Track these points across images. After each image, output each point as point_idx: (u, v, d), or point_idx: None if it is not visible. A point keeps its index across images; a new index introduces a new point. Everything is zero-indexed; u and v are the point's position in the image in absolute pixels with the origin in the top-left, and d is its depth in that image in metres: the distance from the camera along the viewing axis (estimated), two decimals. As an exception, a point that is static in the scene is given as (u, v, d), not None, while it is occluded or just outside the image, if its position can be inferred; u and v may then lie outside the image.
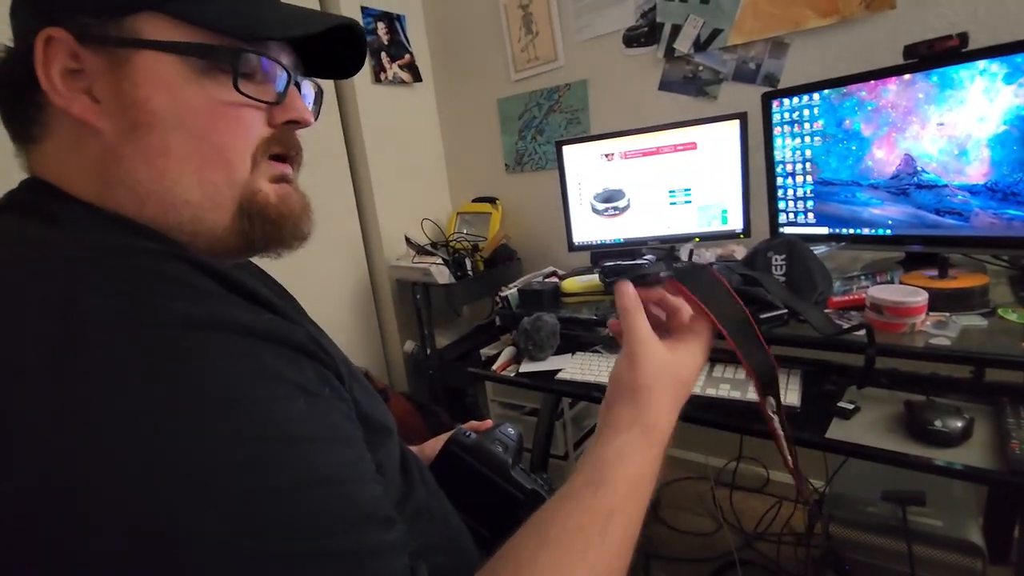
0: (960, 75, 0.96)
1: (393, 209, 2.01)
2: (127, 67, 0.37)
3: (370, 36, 1.89)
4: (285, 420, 0.31)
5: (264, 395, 0.31)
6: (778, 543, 1.44)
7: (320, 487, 0.31)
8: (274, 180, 0.43)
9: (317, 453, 0.32)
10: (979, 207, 0.98)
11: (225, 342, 0.31)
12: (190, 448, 0.28)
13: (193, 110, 0.39)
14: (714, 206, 1.41)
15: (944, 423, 0.79)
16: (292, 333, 0.35)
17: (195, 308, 0.31)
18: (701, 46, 1.53)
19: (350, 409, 0.38)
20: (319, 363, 0.36)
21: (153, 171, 0.38)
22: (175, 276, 0.33)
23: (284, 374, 0.33)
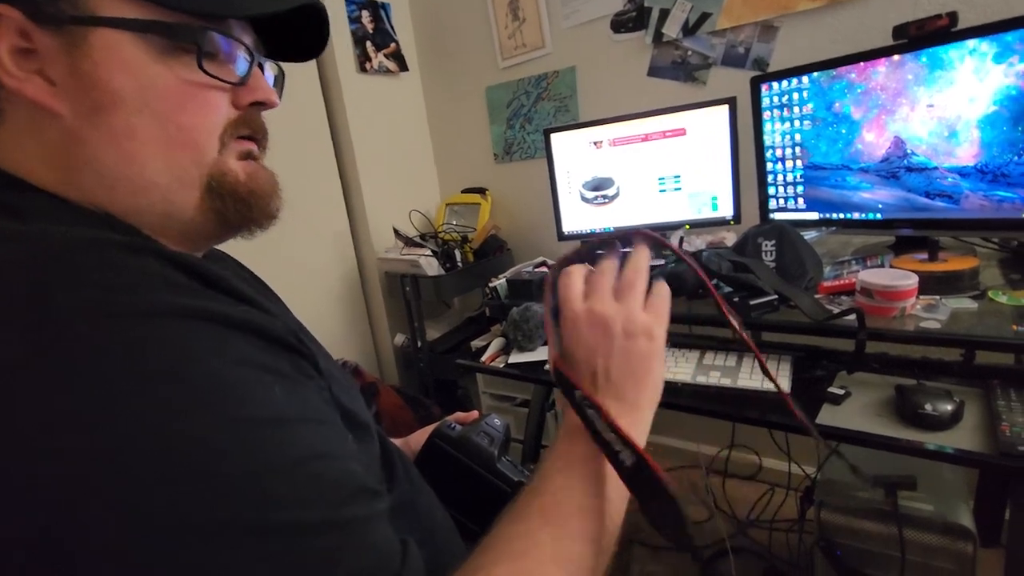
0: (949, 55, 0.95)
1: (381, 201, 1.99)
2: (84, 46, 0.36)
3: (354, 25, 1.85)
4: (268, 403, 0.31)
5: (245, 380, 0.31)
6: (770, 529, 1.45)
7: (312, 462, 0.31)
8: (241, 158, 0.43)
9: (304, 432, 0.32)
10: (969, 189, 0.97)
11: (201, 330, 0.31)
12: (176, 434, 0.28)
13: (158, 90, 0.37)
14: (704, 193, 1.39)
15: (934, 407, 0.79)
16: (268, 323, 0.35)
17: (169, 299, 0.31)
18: (690, 30, 1.51)
19: (329, 398, 0.39)
20: (296, 354, 0.36)
21: (120, 154, 0.37)
22: (147, 269, 0.32)
23: (261, 362, 0.33)
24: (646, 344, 0.44)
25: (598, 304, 0.45)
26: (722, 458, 1.67)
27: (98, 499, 0.26)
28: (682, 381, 0.99)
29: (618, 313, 0.44)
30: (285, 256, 1.73)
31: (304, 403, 0.34)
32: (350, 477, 0.33)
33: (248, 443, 0.29)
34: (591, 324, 0.44)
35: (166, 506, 0.27)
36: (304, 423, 0.33)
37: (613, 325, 0.44)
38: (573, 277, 0.47)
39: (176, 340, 0.30)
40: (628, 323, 0.44)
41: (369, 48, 1.91)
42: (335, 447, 0.34)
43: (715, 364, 1.02)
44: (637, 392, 0.44)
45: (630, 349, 0.44)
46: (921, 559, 0.92)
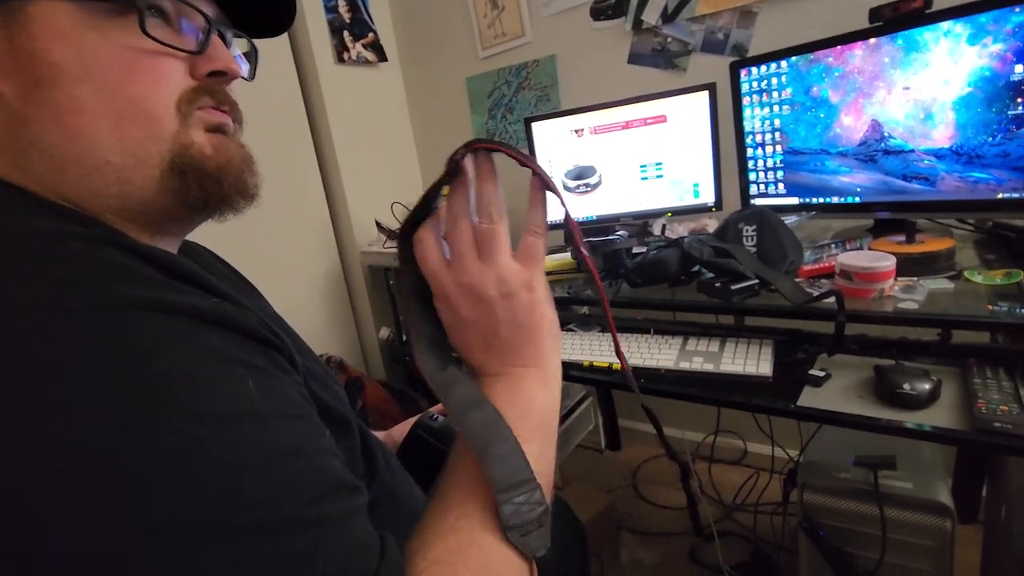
0: (924, 37, 0.95)
1: (362, 194, 1.96)
2: (20, 19, 0.34)
3: (331, 15, 1.82)
4: (240, 397, 0.30)
5: (215, 374, 0.30)
6: (755, 513, 1.46)
7: (286, 459, 0.31)
8: (210, 130, 0.40)
9: (277, 427, 0.31)
10: (945, 171, 0.98)
11: (170, 323, 0.30)
12: (141, 433, 0.27)
13: (100, 59, 0.35)
14: (686, 180, 1.39)
15: (912, 386, 0.79)
16: (240, 316, 0.33)
17: (135, 291, 0.30)
18: (669, 17, 1.51)
19: (305, 392, 0.37)
20: (270, 347, 0.35)
21: (66, 131, 0.35)
22: (111, 261, 0.31)
23: (233, 355, 0.32)
24: (527, 296, 0.42)
25: (464, 274, 0.41)
26: (708, 444, 1.69)
27: (59, 504, 0.25)
28: (665, 367, 0.99)
29: (487, 276, 0.40)
30: (266, 252, 1.70)
31: (278, 398, 0.33)
32: (326, 473, 0.33)
33: (218, 440, 0.28)
34: (465, 297, 0.41)
35: (131, 508, 0.26)
36: (278, 418, 0.32)
37: (488, 291, 0.40)
38: (427, 244, 0.42)
39: (139, 335, 0.28)
40: (502, 284, 0.41)
41: (347, 38, 1.88)
42: (311, 442, 0.33)
43: (697, 350, 1.02)
44: (536, 347, 0.43)
45: (514, 308, 0.41)
46: (901, 537, 0.94)
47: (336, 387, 0.49)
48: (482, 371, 0.43)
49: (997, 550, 0.87)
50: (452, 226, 0.41)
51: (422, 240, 0.42)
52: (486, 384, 0.42)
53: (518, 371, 0.42)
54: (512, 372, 0.42)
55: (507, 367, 0.42)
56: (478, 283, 0.40)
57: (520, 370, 0.42)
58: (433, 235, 0.42)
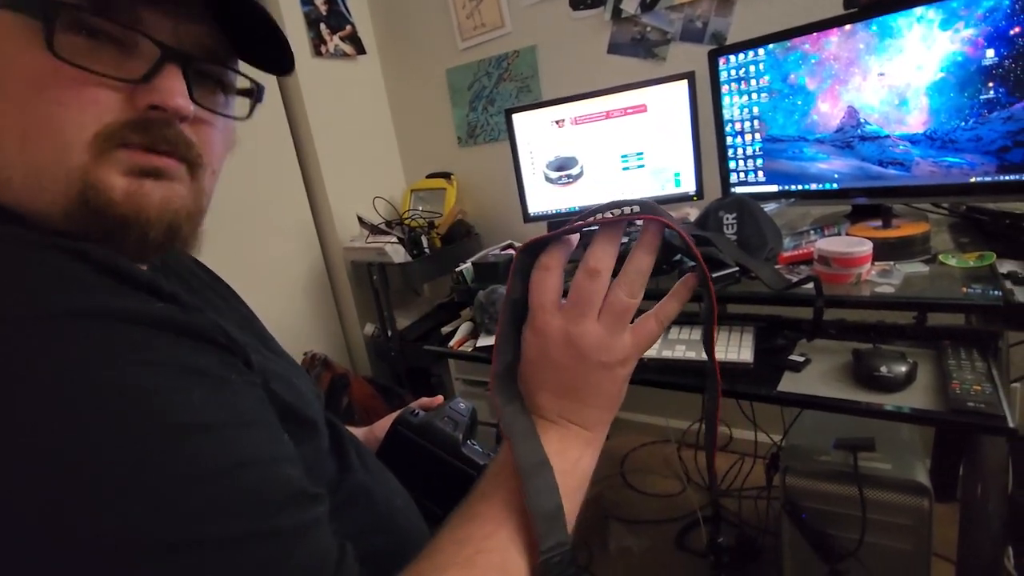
0: (898, 23, 0.96)
1: (344, 189, 1.94)
2: None
3: (307, 7, 1.79)
4: (187, 407, 0.29)
5: (158, 384, 0.29)
6: (739, 498, 1.48)
7: (237, 470, 0.30)
8: (130, 173, 0.35)
9: (228, 437, 0.30)
10: (919, 156, 0.99)
11: (111, 331, 0.28)
12: (76, 449, 0.25)
13: (17, 72, 0.33)
14: (667, 169, 1.40)
15: (889, 369, 0.81)
16: (191, 320, 0.32)
17: (74, 298, 0.28)
18: (648, 6, 1.51)
19: (262, 394, 0.36)
20: (224, 350, 0.34)
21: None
22: (48, 265, 0.29)
23: (183, 362, 0.30)
24: (621, 372, 0.40)
25: (576, 327, 0.38)
26: (693, 431, 1.70)
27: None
28: (649, 356, 1.00)
29: (599, 341, 0.39)
30: (248, 250, 1.68)
31: (229, 405, 0.32)
32: (280, 483, 0.32)
33: (159, 453, 0.27)
34: (565, 347, 0.39)
35: (69, 529, 0.25)
36: (229, 427, 0.31)
37: (592, 354, 0.39)
38: (551, 276, 0.39)
39: (74, 344, 0.27)
40: (608, 354, 0.39)
41: (324, 31, 1.85)
42: (264, 450, 0.32)
43: (680, 338, 1.03)
44: (601, 415, 0.42)
45: (606, 378, 0.40)
46: (881, 516, 0.96)
47: (302, 385, 0.48)
48: (539, 412, 0.41)
49: (974, 527, 0.89)
50: (589, 276, 0.38)
51: (547, 270, 0.39)
52: (541, 427, 0.41)
53: (575, 429, 0.41)
54: (569, 428, 0.41)
55: (568, 421, 0.41)
56: (587, 343, 0.39)
57: (577, 429, 0.41)
58: (560, 269, 0.39)
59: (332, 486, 0.45)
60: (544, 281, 0.39)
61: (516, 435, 0.39)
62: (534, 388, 0.41)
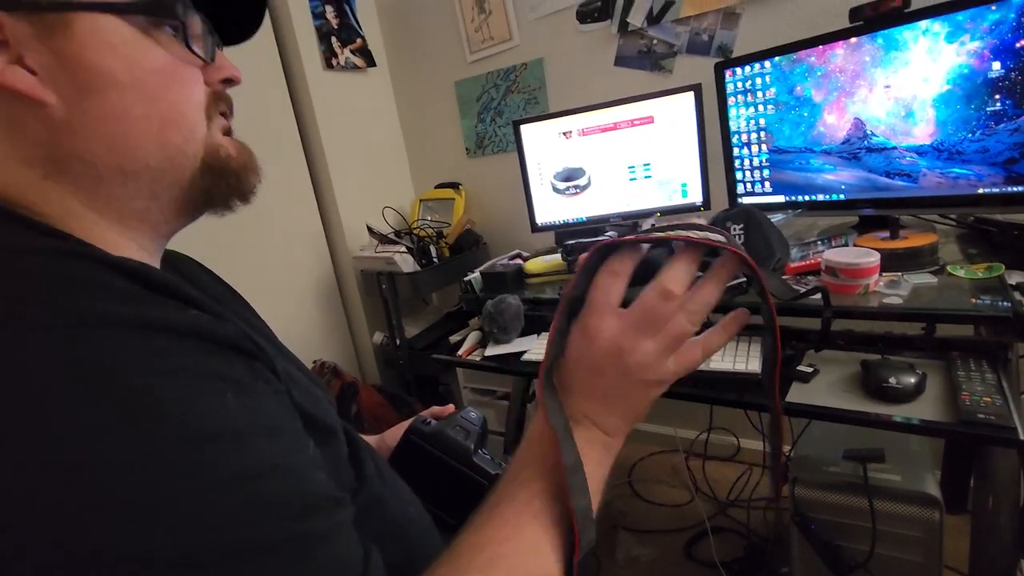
0: (904, 36, 0.97)
1: (354, 199, 1.97)
2: (68, 31, 0.34)
3: (318, 20, 1.82)
4: (215, 414, 0.30)
5: (190, 392, 0.29)
6: (748, 508, 1.47)
7: (266, 476, 0.30)
8: (226, 134, 0.43)
9: (256, 443, 0.31)
10: (926, 167, 1.00)
11: (142, 339, 0.29)
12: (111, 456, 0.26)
13: (146, 70, 0.37)
14: (673, 180, 1.41)
15: (898, 380, 0.81)
16: (219, 328, 0.33)
17: (105, 306, 0.29)
18: (654, 19, 1.52)
19: (288, 402, 0.37)
20: (251, 357, 0.35)
21: (111, 139, 0.36)
22: (81, 275, 0.30)
23: (211, 369, 0.31)
24: (656, 391, 0.41)
25: (627, 339, 0.39)
26: (701, 441, 1.70)
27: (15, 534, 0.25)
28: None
29: (647, 358, 0.39)
30: (258, 258, 1.70)
31: (258, 411, 0.33)
32: (308, 488, 0.32)
33: (188, 460, 0.28)
34: (612, 355, 0.39)
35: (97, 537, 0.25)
36: (258, 434, 0.31)
37: (634, 370, 0.39)
38: (616, 282, 0.40)
39: (103, 352, 0.28)
40: (651, 373, 0.40)
41: (335, 44, 1.88)
42: (292, 457, 0.33)
43: (688, 348, 1.03)
44: (626, 425, 0.43)
45: (642, 394, 0.41)
46: (891, 528, 0.95)
47: (320, 393, 0.49)
48: (567, 409, 0.42)
49: (985, 539, 0.88)
50: (661, 296, 0.39)
51: (614, 275, 0.40)
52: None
53: (598, 433, 0.42)
54: (593, 431, 0.42)
55: (593, 424, 0.42)
56: (636, 359, 0.39)
57: (599, 433, 0.42)
58: (627, 277, 0.40)
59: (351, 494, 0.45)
60: (608, 285, 0.40)
61: (559, 432, 0.40)
62: (568, 386, 0.42)
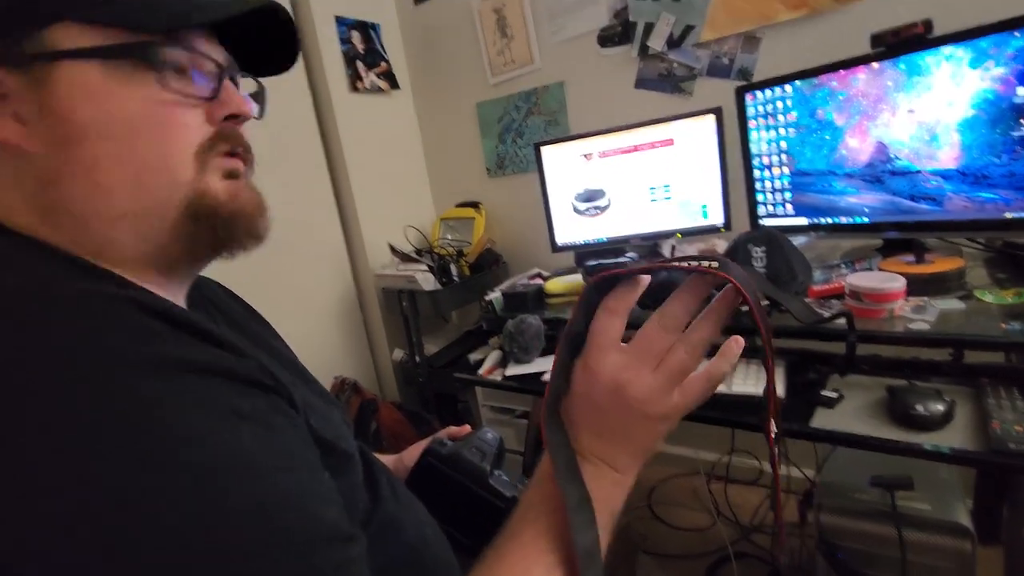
0: (926, 61, 0.97)
1: (376, 218, 2.00)
2: (49, 82, 0.36)
3: (345, 45, 1.88)
4: (235, 451, 0.31)
5: (211, 429, 0.31)
6: (772, 534, 1.45)
7: (274, 510, 0.31)
8: (225, 177, 0.41)
9: (267, 478, 0.32)
10: (952, 191, 0.99)
11: (167, 380, 0.30)
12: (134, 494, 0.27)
13: (123, 115, 0.37)
14: (694, 201, 1.41)
15: (926, 407, 0.80)
16: (239, 366, 0.34)
17: (136, 349, 0.30)
18: (675, 43, 1.54)
19: (306, 434, 0.38)
20: (271, 392, 0.36)
21: (89, 187, 0.37)
22: (116, 317, 0.32)
23: (232, 407, 0.32)
24: (662, 426, 0.41)
25: (630, 372, 0.39)
26: (723, 464, 1.68)
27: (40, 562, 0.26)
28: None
29: (649, 394, 0.39)
30: (282, 276, 1.74)
31: (273, 445, 0.33)
32: (320, 522, 0.33)
33: (203, 493, 0.29)
34: (612, 391, 0.40)
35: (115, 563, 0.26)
36: (272, 468, 0.32)
37: (635, 405, 0.39)
38: (614, 320, 0.40)
39: (141, 393, 0.29)
40: (653, 407, 0.39)
41: (360, 67, 1.93)
42: (306, 490, 0.33)
43: (710, 371, 1.03)
44: (634, 461, 0.42)
45: (641, 428, 0.41)
46: (921, 559, 0.93)
47: (337, 415, 0.49)
48: (574, 444, 0.42)
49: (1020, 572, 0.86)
50: (661, 328, 0.39)
51: (612, 313, 0.40)
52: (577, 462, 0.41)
53: (606, 469, 0.42)
54: (601, 467, 0.41)
55: (601, 460, 0.42)
56: (635, 392, 0.39)
57: (608, 469, 0.42)
58: (625, 314, 0.40)
59: (365, 518, 0.46)
60: (606, 323, 0.40)
61: (560, 469, 0.40)
62: (575, 423, 0.42)
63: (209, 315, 0.52)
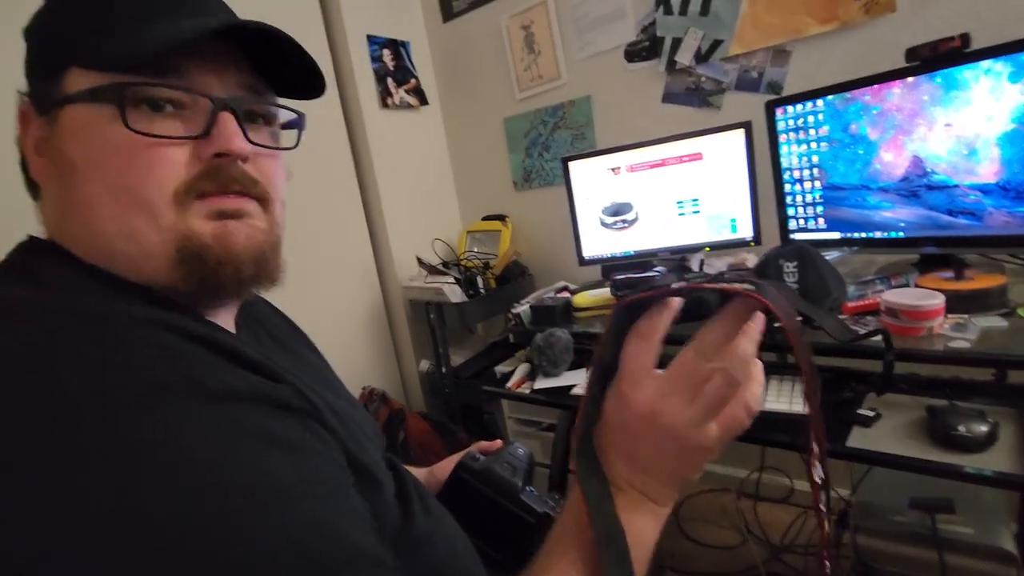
0: (964, 76, 0.96)
1: (404, 231, 2.04)
2: (57, 123, 0.39)
3: (376, 64, 1.93)
4: (266, 477, 0.31)
5: (245, 455, 0.31)
6: (805, 555, 1.41)
7: (308, 536, 0.31)
8: (214, 217, 0.39)
9: (302, 504, 0.32)
10: (992, 206, 0.97)
11: (202, 407, 0.31)
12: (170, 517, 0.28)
13: (106, 154, 0.38)
14: (723, 215, 1.41)
15: (968, 428, 0.78)
16: (274, 391, 0.35)
17: (172, 375, 0.31)
18: (702, 57, 1.55)
19: (339, 456, 0.38)
20: (304, 415, 0.36)
21: (84, 222, 0.39)
22: (152, 342, 0.32)
23: (263, 432, 0.33)
24: (700, 458, 0.40)
25: (666, 403, 0.38)
26: (752, 480, 1.65)
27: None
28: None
29: (685, 425, 0.38)
30: (313, 288, 1.78)
31: (306, 470, 0.34)
32: (350, 548, 0.33)
33: (236, 519, 0.29)
34: (647, 420, 0.38)
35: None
36: (304, 494, 0.32)
37: (671, 435, 0.38)
38: (646, 347, 0.39)
39: (176, 420, 0.30)
40: (691, 438, 0.38)
41: (390, 84, 1.98)
42: (336, 514, 0.33)
43: (741, 387, 1.02)
44: (670, 492, 0.41)
45: (677, 460, 0.40)
46: (964, 585, 0.90)
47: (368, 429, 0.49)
48: (608, 474, 0.41)
49: (1070, 602, 0.83)
50: (699, 356, 0.38)
51: (644, 339, 0.39)
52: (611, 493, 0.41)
53: (642, 499, 0.41)
54: (637, 497, 0.41)
55: (637, 490, 0.41)
56: (671, 422, 0.38)
57: (644, 499, 0.41)
58: (657, 340, 0.39)
59: (396, 535, 0.46)
60: (638, 350, 0.39)
61: (592, 501, 0.39)
62: (608, 452, 0.41)
63: (254, 333, 0.53)
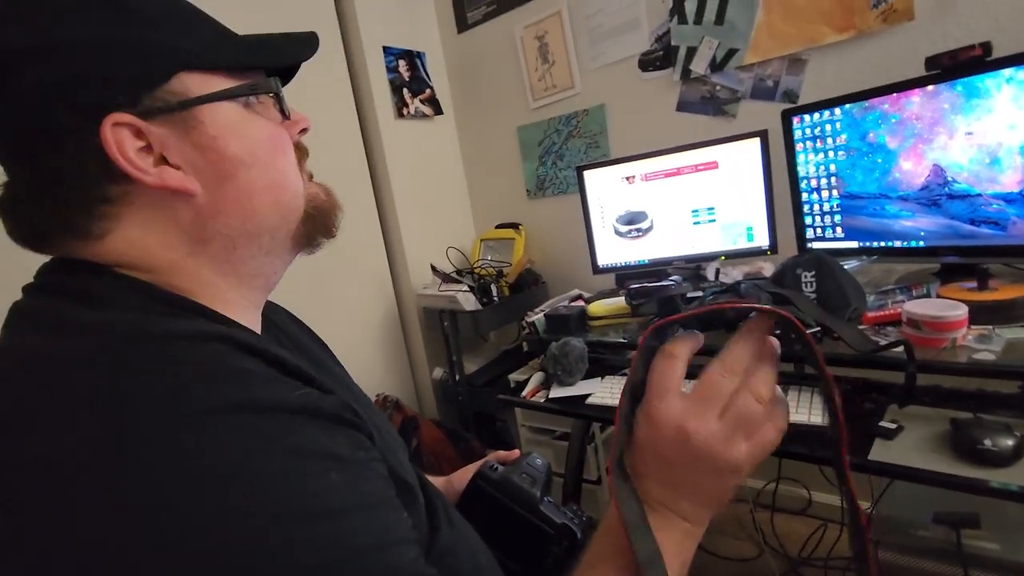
0: (985, 84, 0.95)
1: (418, 239, 2.05)
2: (199, 125, 0.39)
3: (392, 75, 1.95)
4: (321, 494, 0.32)
5: (299, 473, 0.32)
6: (824, 568, 1.39)
7: (362, 556, 0.31)
8: (310, 179, 0.48)
9: (355, 522, 0.32)
10: (1016, 215, 0.96)
11: (258, 424, 0.32)
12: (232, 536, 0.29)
13: (259, 143, 0.43)
14: (739, 224, 1.40)
15: (994, 442, 0.76)
16: (324, 404, 0.35)
17: (231, 392, 0.32)
18: (717, 66, 1.54)
19: (385, 471, 0.38)
20: (352, 428, 0.37)
21: (245, 212, 0.42)
22: (212, 359, 0.34)
23: (317, 447, 0.33)
24: (731, 479, 0.39)
25: (695, 420, 0.38)
26: (769, 491, 1.63)
27: None
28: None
29: (714, 443, 0.38)
30: (328, 296, 1.79)
31: (359, 487, 0.34)
32: (400, 566, 0.33)
33: (296, 535, 0.30)
34: (676, 440, 0.38)
35: None
36: (357, 510, 0.33)
37: (701, 454, 0.38)
38: (674, 365, 0.39)
39: (235, 437, 0.30)
40: (721, 456, 0.38)
41: (406, 95, 2.00)
42: (389, 530, 0.34)
43: (759, 398, 1.01)
44: (703, 512, 0.41)
45: (709, 480, 0.39)
46: (990, 602, 0.88)
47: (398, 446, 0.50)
48: (641, 495, 0.41)
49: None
50: (725, 372, 0.38)
51: (672, 357, 0.39)
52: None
53: (676, 519, 0.40)
54: (671, 517, 0.40)
55: (670, 510, 0.41)
56: (700, 441, 0.38)
57: (678, 520, 0.41)
58: (685, 359, 0.39)
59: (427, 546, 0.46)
60: (666, 369, 0.39)
61: (629, 522, 0.39)
62: (640, 473, 0.41)
63: (278, 340, 0.54)
